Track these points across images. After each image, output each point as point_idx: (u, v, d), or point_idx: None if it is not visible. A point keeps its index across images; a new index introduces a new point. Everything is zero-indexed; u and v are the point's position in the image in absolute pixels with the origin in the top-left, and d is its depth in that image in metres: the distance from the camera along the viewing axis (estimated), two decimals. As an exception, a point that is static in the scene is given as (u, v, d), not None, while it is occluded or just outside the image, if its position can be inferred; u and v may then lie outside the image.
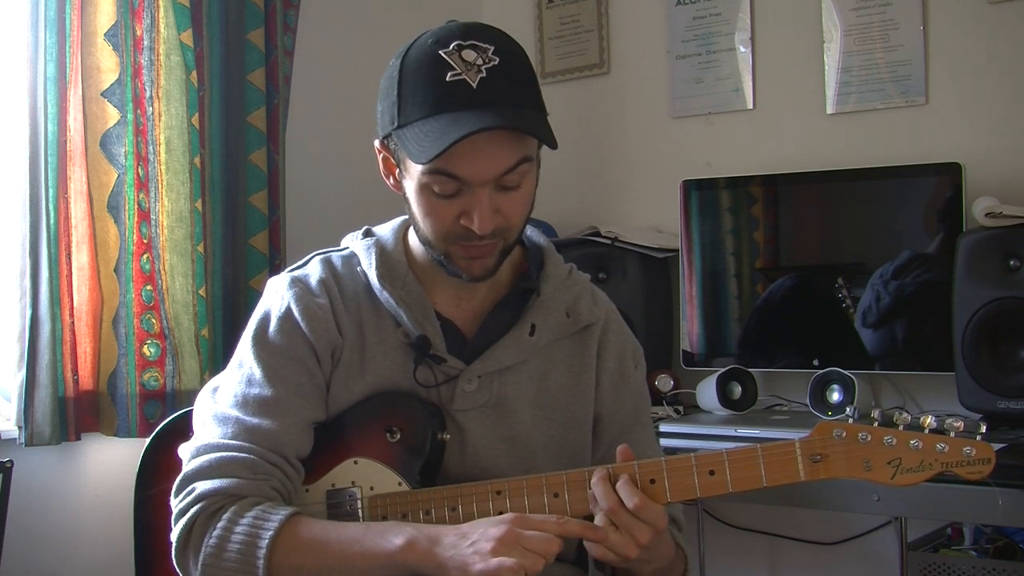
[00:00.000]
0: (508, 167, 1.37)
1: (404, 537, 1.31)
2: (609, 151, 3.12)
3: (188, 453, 1.43)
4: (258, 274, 2.59)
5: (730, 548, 2.90)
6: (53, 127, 2.27)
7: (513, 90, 1.37)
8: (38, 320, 2.23)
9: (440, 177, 1.36)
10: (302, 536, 1.34)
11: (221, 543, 1.34)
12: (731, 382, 2.61)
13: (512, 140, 1.36)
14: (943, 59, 2.63)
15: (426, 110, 1.35)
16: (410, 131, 1.36)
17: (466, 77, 1.34)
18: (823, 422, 1.34)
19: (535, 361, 1.52)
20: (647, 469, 1.36)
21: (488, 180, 1.37)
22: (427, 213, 1.41)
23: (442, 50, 1.35)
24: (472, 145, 1.32)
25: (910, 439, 1.31)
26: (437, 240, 1.42)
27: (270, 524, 1.33)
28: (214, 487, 1.37)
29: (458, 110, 1.33)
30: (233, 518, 1.35)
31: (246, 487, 1.38)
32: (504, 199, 1.39)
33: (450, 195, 1.38)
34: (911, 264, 2.48)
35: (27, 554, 2.25)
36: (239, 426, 1.42)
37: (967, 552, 2.33)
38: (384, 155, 1.47)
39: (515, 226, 1.44)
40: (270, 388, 1.44)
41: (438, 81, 1.34)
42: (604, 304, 1.60)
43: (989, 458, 1.29)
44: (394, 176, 1.47)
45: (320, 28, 2.90)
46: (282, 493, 1.41)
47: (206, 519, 1.36)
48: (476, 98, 1.33)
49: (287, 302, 1.48)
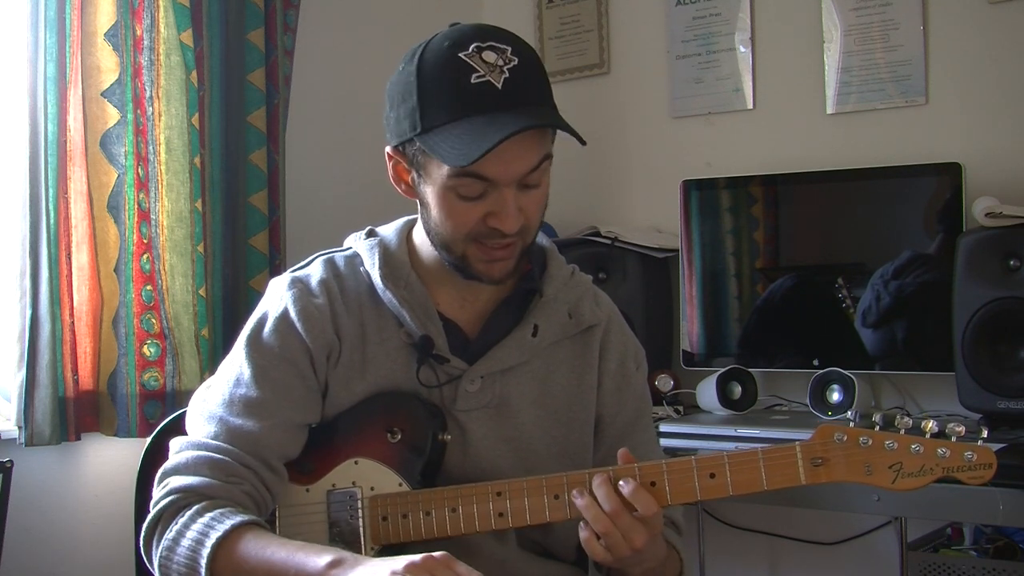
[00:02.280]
0: (533, 165, 1.38)
1: (333, 555, 1.29)
2: (609, 151, 3.12)
3: (175, 447, 1.46)
4: (258, 274, 2.59)
5: (730, 548, 2.90)
6: (53, 127, 2.27)
7: (535, 89, 1.38)
8: (38, 320, 2.23)
9: (467, 180, 1.36)
10: (244, 546, 1.33)
11: (176, 540, 1.36)
12: (731, 382, 2.61)
13: (537, 139, 1.37)
14: (943, 59, 2.63)
15: (454, 113, 1.35)
16: (439, 136, 1.35)
17: (490, 79, 1.34)
18: (824, 425, 1.34)
19: (537, 362, 1.52)
20: (648, 471, 1.36)
21: (515, 179, 1.37)
22: (449, 215, 1.40)
23: (461, 52, 1.35)
24: (502, 148, 1.32)
25: (911, 443, 1.31)
26: (458, 241, 1.42)
27: (219, 529, 1.33)
28: (185, 484, 1.39)
29: (489, 112, 1.33)
30: (193, 516, 1.36)
31: (215, 488, 1.39)
32: (525, 198, 1.40)
33: (475, 197, 1.38)
34: (911, 264, 2.48)
35: (27, 554, 2.25)
36: (222, 426, 1.43)
37: (967, 552, 2.33)
38: (396, 161, 1.46)
39: (534, 225, 1.44)
40: (257, 389, 1.44)
41: (462, 84, 1.34)
42: (606, 306, 1.60)
43: (990, 463, 1.29)
44: (406, 182, 1.47)
45: (320, 28, 2.90)
46: (254, 496, 1.41)
47: (171, 514, 1.38)
48: (504, 99, 1.34)
49: (285, 303, 1.49)
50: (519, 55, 1.37)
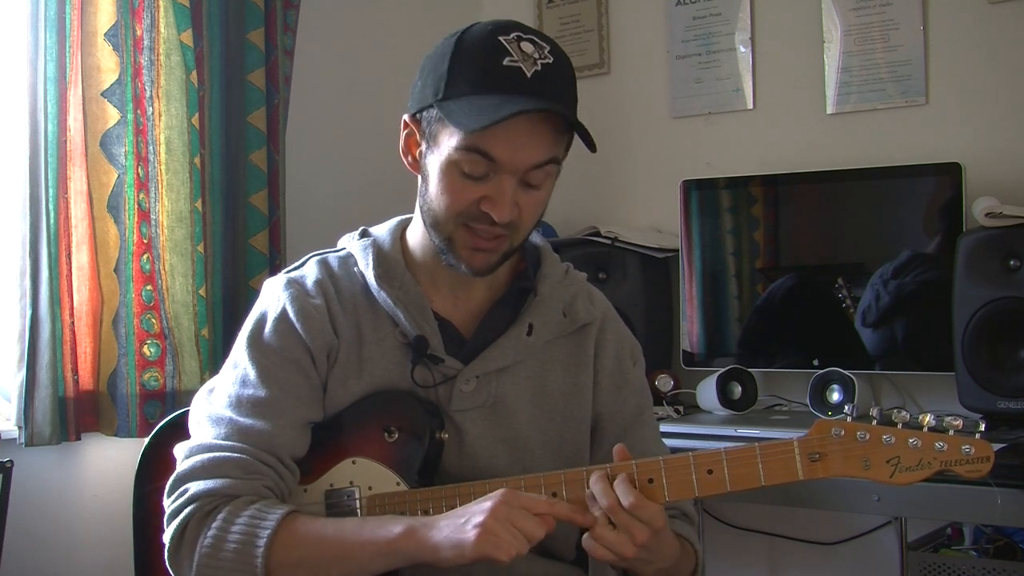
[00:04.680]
0: (540, 160, 1.39)
1: (403, 525, 1.32)
2: (609, 151, 3.09)
3: (182, 453, 1.44)
4: (258, 274, 2.59)
5: (730, 548, 2.90)
6: (53, 127, 2.27)
7: (561, 89, 1.41)
8: (38, 320, 2.23)
9: (474, 156, 1.38)
10: (299, 531, 1.34)
11: (217, 542, 1.34)
12: (731, 382, 2.61)
13: (550, 136, 1.39)
14: (943, 59, 2.63)
15: (477, 87, 1.37)
16: (457, 103, 1.38)
17: (522, 66, 1.37)
18: (821, 420, 1.34)
19: (532, 361, 1.52)
20: (645, 468, 1.36)
21: (520, 168, 1.39)
22: (446, 190, 1.41)
23: (502, 36, 1.39)
24: (514, 130, 1.35)
25: (909, 437, 1.31)
26: (448, 219, 1.42)
27: (268, 522, 1.33)
28: (207, 487, 1.37)
29: (510, 93, 1.36)
30: (229, 517, 1.35)
31: (239, 487, 1.38)
32: (524, 196, 1.41)
33: (477, 177, 1.39)
34: (911, 264, 2.48)
35: (27, 554, 2.25)
36: (232, 427, 1.42)
37: (967, 552, 2.32)
38: (409, 130, 1.48)
39: (526, 227, 1.45)
40: (264, 389, 1.44)
41: (494, 62, 1.37)
42: (601, 303, 1.60)
43: (988, 456, 1.29)
44: (414, 155, 1.48)
45: (320, 28, 2.90)
46: (276, 492, 1.41)
47: (200, 520, 1.36)
48: (529, 86, 1.37)
49: (283, 303, 1.48)
50: (555, 56, 1.40)
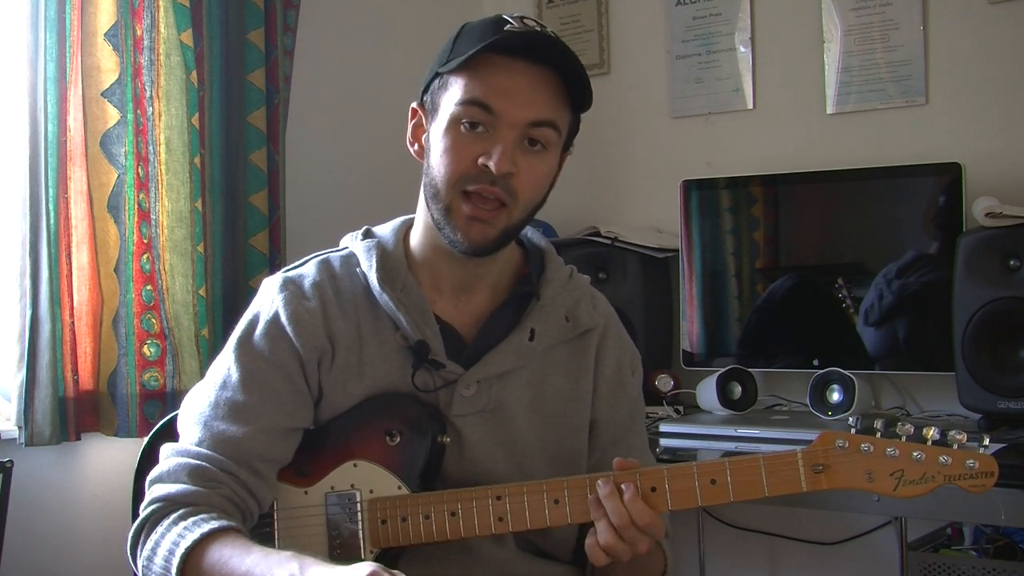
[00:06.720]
0: (539, 117, 1.40)
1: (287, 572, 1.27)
2: (609, 151, 3.11)
3: (163, 453, 1.46)
4: (258, 274, 2.58)
5: (730, 548, 2.90)
6: (53, 127, 2.27)
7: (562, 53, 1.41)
8: (38, 320, 2.23)
9: (474, 108, 1.39)
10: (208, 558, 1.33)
11: (154, 551, 1.37)
12: (731, 382, 2.61)
13: (550, 97, 1.41)
14: (943, 59, 2.63)
15: (475, 45, 1.40)
16: (455, 62, 1.41)
17: (524, 31, 1.40)
18: (826, 432, 1.34)
19: (533, 366, 1.52)
20: (649, 477, 1.36)
21: (518, 121, 1.39)
22: (447, 150, 1.42)
23: (507, 15, 1.43)
24: (513, 82, 1.38)
25: (913, 451, 1.30)
26: (448, 184, 1.42)
27: (187, 541, 1.33)
28: (166, 492, 1.40)
29: (509, 47, 1.39)
30: (168, 527, 1.37)
31: (194, 495, 1.39)
32: (524, 160, 1.41)
33: (478, 128, 1.40)
34: (915, 264, 2.48)
35: (27, 554, 2.25)
36: (207, 431, 1.44)
37: (967, 552, 2.33)
38: (417, 119, 1.49)
39: (523, 201, 1.44)
40: (243, 394, 1.44)
41: (496, 29, 1.41)
42: (604, 309, 1.60)
43: (992, 471, 1.29)
44: (420, 143, 1.49)
45: (320, 28, 2.89)
46: (234, 500, 1.41)
47: (152, 523, 1.39)
48: (527, 42, 1.40)
49: (276, 307, 1.48)
50: (564, 46, 1.42)
